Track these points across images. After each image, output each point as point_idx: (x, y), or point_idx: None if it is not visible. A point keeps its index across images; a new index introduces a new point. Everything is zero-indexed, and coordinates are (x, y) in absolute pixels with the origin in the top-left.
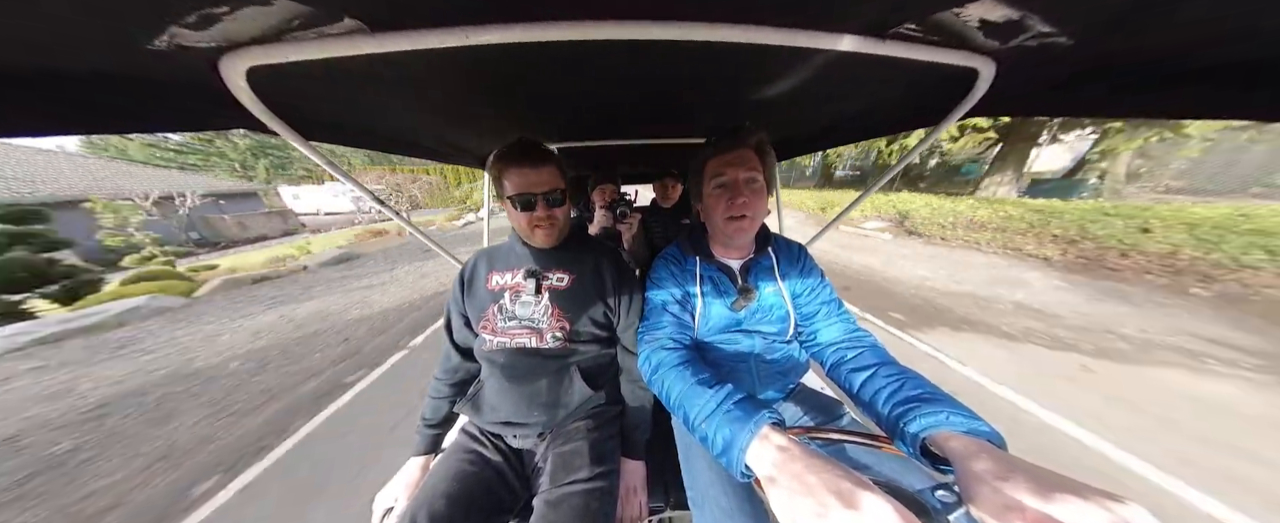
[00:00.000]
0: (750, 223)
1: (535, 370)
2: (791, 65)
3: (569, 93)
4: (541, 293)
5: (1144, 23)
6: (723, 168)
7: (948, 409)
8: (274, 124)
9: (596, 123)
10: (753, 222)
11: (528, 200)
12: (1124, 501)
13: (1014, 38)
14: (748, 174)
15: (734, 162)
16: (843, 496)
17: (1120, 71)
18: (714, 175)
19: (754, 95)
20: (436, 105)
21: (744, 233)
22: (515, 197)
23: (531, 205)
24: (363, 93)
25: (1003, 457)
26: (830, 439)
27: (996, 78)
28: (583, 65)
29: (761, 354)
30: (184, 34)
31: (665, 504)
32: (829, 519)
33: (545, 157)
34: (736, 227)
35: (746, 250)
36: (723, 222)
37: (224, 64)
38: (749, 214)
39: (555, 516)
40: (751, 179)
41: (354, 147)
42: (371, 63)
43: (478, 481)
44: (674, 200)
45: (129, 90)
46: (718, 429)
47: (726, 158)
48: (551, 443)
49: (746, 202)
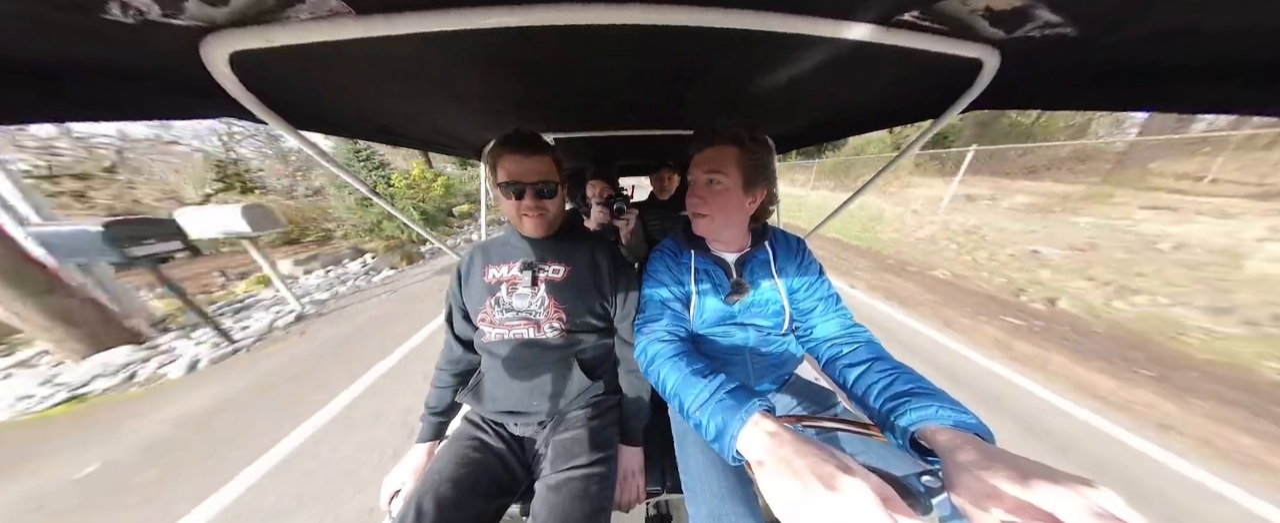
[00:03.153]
0: (709, 223)
1: (534, 361)
2: (793, 54)
3: (566, 81)
4: (538, 285)
5: (1152, 13)
6: (693, 167)
7: (937, 404)
8: (262, 113)
9: (594, 113)
10: (712, 222)
11: (518, 189)
12: (1096, 486)
13: (1020, 27)
14: (708, 174)
15: (700, 161)
16: (825, 478)
17: (1127, 64)
18: (689, 172)
19: (754, 86)
20: (430, 93)
21: (701, 230)
22: (506, 184)
23: (521, 194)
24: (354, 80)
25: (986, 448)
26: (822, 427)
27: (1001, 69)
28: (580, 52)
29: (756, 347)
30: (156, 10)
31: (661, 488)
32: (812, 499)
33: (539, 147)
34: (696, 223)
35: (742, 244)
36: (691, 217)
37: (206, 49)
38: (706, 212)
39: (556, 498)
40: (711, 179)
41: (347, 136)
42: (361, 48)
43: (481, 466)
44: (671, 192)
45: (105, 77)
46: (711, 417)
47: (697, 157)
48: (552, 431)
49: (701, 200)
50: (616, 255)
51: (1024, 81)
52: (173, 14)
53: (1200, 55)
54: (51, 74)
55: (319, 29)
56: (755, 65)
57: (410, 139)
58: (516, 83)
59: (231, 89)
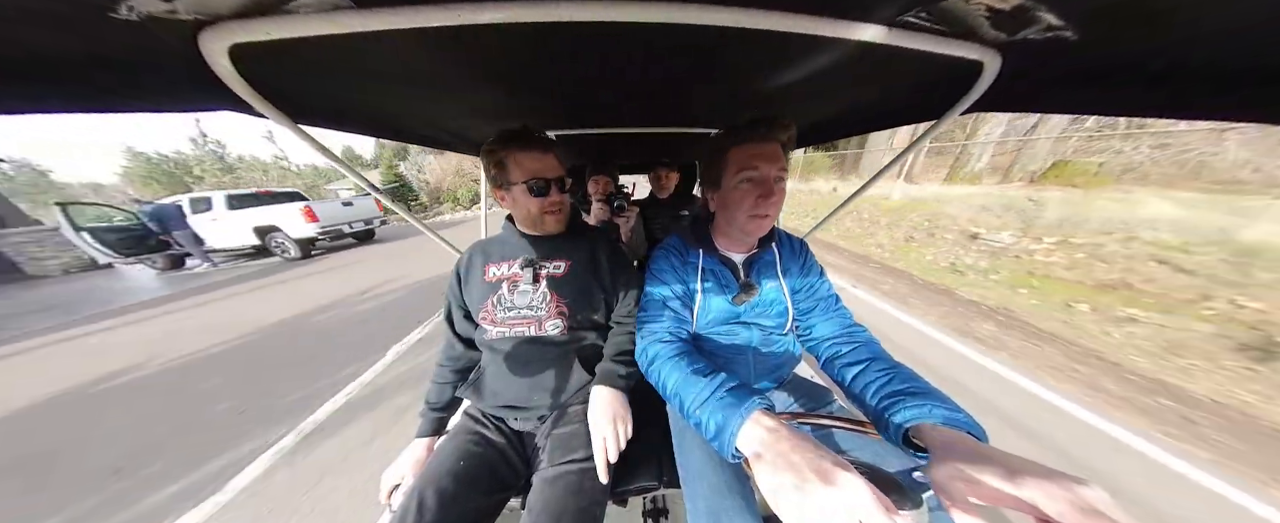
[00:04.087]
0: (770, 222)
1: (535, 358)
2: (796, 53)
3: (567, 78)
4: (539, 282)
5: (1157, 16)
6: (754, 161)
7: (931, 403)
8: (262, 106)
9: (594, 110)
10: (772, 221)
11: (542, 185)
12: (1086, 482)
13: (1022, 30)
14: (779, 171)
15: (767, 156)
16: (822, 473)
17: (1130, 69)
18: (742, 167)
19: (756, 85)
20: (430, 88)
21: (763, 231)
22: (530, 182)
23: (546, 191)
24: (354, 74)
25: (976, 445)
26: (818, 424)
27: (1001, 72)
28: (582, 49)
29: (758, 347)
30: (157, 2)
31: (658, 483)
32: (807, 493)
33: (549, 143)
34: (758, 225)
35: (751, 245)
36: (746, 219)
37: (204, 41)
38: (773, 213)
39: (551, 491)
40: (781, 177)
41: (347, 131)
42: (361, 42)
43: (481, 460)
44: (671, 191)
45: (104, 69)
46: (711, 415)
47: (757, 150)
48: (551, 425)
49: (776, 201)
50: (616, 249)
51: (1023, 84)
52: (173, 6)
53: (1203, 61)
54: (51, 66)
55: (319, 22)
56: (757, 64)
57: (410, 134)
58: (518, 79)
59: (231, 82)
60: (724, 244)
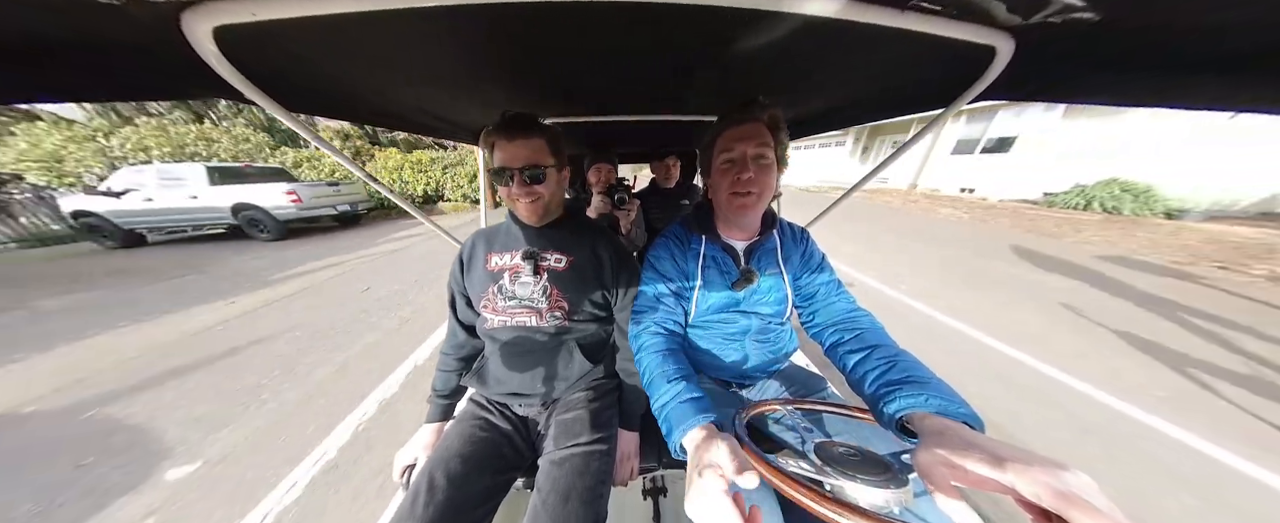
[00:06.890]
0: (756, 201)
1: (536, 347)
2: (803, 36)
3: (565, 64)
4: (540, 274)
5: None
6: (732, 142)
7: (927, 392)
8: (251, 92)
9: (595, 97)
10: (758, 200)
11: (506, 175)
12: (1071, 468)
13: (1037, 12)
14: (756, 150)
15: (744, 136)
16: (699, 468)
17: (1149, 55)
18: (723, 150)
19: (762, 70)
20: (424, 74)
21: (748, 211)
22: (496, 170)
23: (511, 179)
24: (345, 58)
25: (966, 433)
26: (810, 409)
27: (1015, 57)
28: (581, 33)
29: (756, 335)
30: None
31: (657, 464)
32: (691, 483)
33: (529, 130)
34: (740, 204)
35: (752, 231)
36: (727, 198)
37: (187, 24)
38: (754, 191)
39: (559, 472)
40: (759, 155)
41: (340, 119)
42: (351, 23)
43: (489, 443)
44: (675, 180)
45: (87, 55)
46: (666, 417)
47: (737, 131)
48: (554, 411)
49: (752, 178)
50: (618, 246)
51: (1037, 71)
52: None
53: (1230, 47)
54: (32, 53)
55: (303, 2)
56: (764, 48)
57: (406, 122)
58: (513, 64)
59: (217, 66)
60: (725, 231)
